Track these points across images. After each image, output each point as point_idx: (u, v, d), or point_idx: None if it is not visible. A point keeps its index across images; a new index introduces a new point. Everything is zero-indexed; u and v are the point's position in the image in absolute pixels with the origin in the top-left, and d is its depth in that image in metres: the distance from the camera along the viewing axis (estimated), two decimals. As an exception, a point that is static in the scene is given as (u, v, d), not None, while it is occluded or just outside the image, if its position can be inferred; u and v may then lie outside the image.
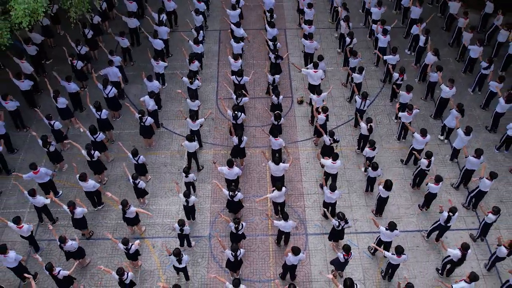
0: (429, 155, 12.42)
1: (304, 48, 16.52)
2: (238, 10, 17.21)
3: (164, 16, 16.91)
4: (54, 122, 13.53)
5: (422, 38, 16.10)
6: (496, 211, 11.38)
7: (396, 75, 14.74)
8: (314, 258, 12.19)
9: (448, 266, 11.48)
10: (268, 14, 17.09)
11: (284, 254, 11.55)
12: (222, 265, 11.91)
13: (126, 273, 10.45)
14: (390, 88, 15.82)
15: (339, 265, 11.31)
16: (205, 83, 16.49)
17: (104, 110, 13.85)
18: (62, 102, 14.22)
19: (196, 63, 15.48)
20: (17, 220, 11.16)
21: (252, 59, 17.40)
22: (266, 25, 16.58)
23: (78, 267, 11.74)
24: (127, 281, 10.57)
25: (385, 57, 15.71)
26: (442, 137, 14.65)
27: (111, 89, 14.36)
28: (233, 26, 16.54)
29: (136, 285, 11.21)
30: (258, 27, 18.55)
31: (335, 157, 12.43)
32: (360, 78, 14.84)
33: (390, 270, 11.42)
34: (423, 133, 12.95)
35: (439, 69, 14.76)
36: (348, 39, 16.00)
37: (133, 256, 11.46)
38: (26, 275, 10.94)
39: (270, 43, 15.95)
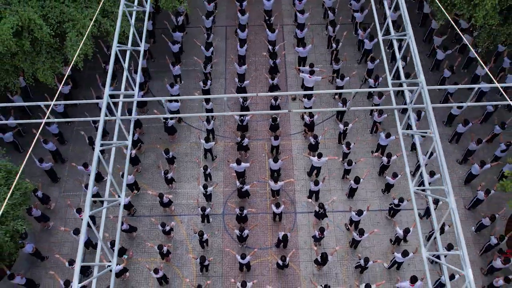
0: (389, 156, 16.27)
1: (298, 54, 19.54)
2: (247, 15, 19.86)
3: (181, 19, 19.73)
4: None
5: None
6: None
7: (371, 81, 18.09)
8: (301, 231, 16.51)
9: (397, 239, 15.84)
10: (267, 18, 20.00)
11: (278, 230, 15.88)
12: (233, 237, 16.25)
13: (165, 247, 14.80)
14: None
15: (317, 239, 15.66)
16: (213, 80, 19.81)
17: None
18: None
19: (208, 67, 18.78)
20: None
21: (254, 57, 20.55)
22: (267, 29, 19.52)
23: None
24: (165, 251, 14.95)
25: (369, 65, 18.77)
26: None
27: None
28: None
29: (171, 253, 15.65)
30: (259, 23, 21.36)
31: (319, 155, 16.28)
32: (341, 83, 18.20)
33: (355, 242, 15.79)
34: (387, 135, 16.67)
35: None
36: (334, 45, 19.13)
37: (168, 232, 15.79)
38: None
39: (270, 47, 19.11)
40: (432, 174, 15.61)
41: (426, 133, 10.22)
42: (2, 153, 14.61)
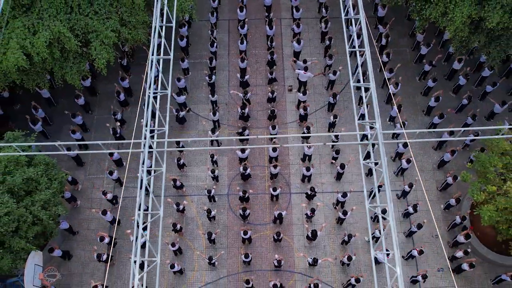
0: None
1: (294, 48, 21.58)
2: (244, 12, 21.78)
3: (187, 17, 21.57)
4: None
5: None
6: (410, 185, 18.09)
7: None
8: (295, 209, 19.20)
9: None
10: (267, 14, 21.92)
11: (274, 209, 18.55)
12: (237, 215, 18.95)
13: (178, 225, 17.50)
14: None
15: (308, 217, 18.37)
16: (218, 72, 21.92)
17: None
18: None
19: (214, 62, 20.91)
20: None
21: (254, 49, 22.58)
22: (266, 26, 21.48)
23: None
24: (178, 228, 17.67)
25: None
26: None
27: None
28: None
29: (183, 228, 18.40)
30: (259, 17, 23.24)
31: (309, 146, 18.75)
32: (334, 77, 20.39)
33: (340, 220, 18.50)
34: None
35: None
36: (327, 41, 21.18)
37: (182, 210, 18.46)
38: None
39: (268, 42, 21.17)
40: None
41: (377, 163, 12.79)
42: (32, 139, 16.91)
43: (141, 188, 12.34)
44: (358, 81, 14.76)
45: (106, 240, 17.36)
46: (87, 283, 17.76)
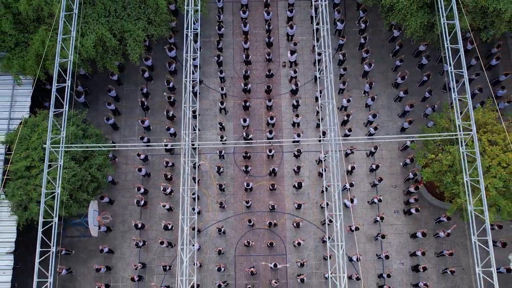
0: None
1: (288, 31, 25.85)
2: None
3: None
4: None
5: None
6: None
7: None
8: (286, 165, 24.54)
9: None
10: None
11: (270, 164, 23.91)
12: (241, 169, 24.34)
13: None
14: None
15: (296, 173, 23.79)
16: (224, 50, 26.32)
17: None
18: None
19: (221, 43, 25.34)
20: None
21: (255, 29, 26.82)
22: (264, 12, 25.61)
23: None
24: (196, 180, 23.16)
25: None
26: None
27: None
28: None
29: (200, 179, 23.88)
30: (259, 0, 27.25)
31: (297, 115, 23.74)
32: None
33: (321, 174, 23.89)
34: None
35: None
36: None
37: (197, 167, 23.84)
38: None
39: (266, 26, 25.46)
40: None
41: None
42: (84, 116, 21.92)
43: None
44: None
45: (142, 190, 22.96)
46: (127, 222, 23.57)
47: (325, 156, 20.51)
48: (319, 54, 21.04)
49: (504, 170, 19.11)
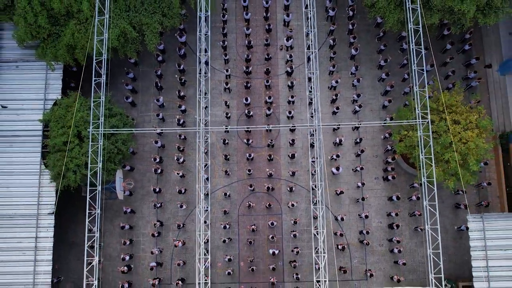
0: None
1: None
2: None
3: None
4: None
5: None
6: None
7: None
8: (282, 138, 28.31)
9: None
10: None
11: (268, 136, 27.68)
12: (243, 141, 28.11)
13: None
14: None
15: (291, 145, 27.61)
16: (228, 34, 29.53)
17: (181, 65, 27.99)
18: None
19: (225, 29, 28.54)
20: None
21: (255, 15, 29.91)
22: (263, 0, 28.68)
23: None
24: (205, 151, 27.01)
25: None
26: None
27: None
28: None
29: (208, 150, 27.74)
30: (259, -12, 30.18)
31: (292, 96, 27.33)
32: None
33: (312, 145, 27.74)
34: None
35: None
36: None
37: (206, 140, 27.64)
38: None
39: (265, 14, 28.59)
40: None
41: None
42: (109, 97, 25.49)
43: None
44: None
45: (158, 159, 26.88)
46: (146, 187, 27.57)
47: (313, 135, 24.24)
48: (307, 35, 24.49)
49: (463, 146, 22.94)
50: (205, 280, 22.39)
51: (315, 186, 24.17)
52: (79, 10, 23.47)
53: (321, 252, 22.33)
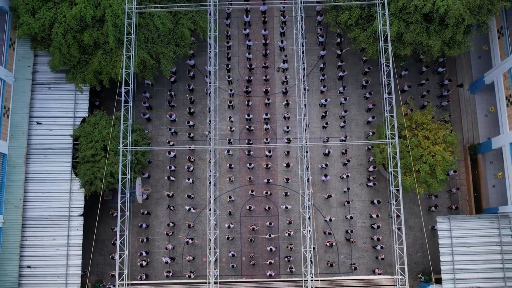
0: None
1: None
2: None
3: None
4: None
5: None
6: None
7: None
8: (279, 149, 32.41)
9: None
10: None
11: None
12: (245, 152, 32.23)
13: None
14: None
15: (286, 155, 31.73)
16: (231, 57, 33.61)
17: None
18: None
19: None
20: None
21: (255, 41, 33.94)
22: (262, 30, 32.73)
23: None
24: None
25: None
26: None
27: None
28: None
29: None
30: (259, 21, 34.23)
31: (288, 112, 31.40)
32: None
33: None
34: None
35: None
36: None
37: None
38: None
39: (263, 41, 32.70)
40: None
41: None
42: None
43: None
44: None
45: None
46: (160, 191, 31.67)
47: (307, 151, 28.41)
48: (298, 71, 28.56)
49: (432, 158, 27.07)
50: (215, 269, 26.51)
51: (304, 194, 28.30)
52: (105, 42, 27.57)
53: (308, 247, 26.34)
